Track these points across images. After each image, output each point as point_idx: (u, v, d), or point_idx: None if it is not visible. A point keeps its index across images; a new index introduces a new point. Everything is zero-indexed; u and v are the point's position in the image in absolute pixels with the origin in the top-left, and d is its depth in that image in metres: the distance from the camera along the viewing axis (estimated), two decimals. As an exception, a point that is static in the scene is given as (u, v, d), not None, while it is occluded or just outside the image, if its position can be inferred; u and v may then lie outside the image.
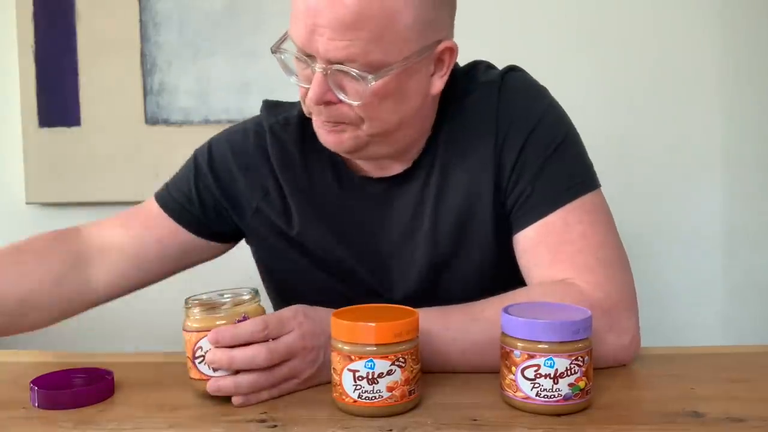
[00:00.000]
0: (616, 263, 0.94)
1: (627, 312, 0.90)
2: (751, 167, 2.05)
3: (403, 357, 0.75)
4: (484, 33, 2.03)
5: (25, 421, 0.79)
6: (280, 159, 1.05)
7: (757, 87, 2.03)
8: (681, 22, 2.02)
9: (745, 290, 2.07)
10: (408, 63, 0.89)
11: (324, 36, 0.86)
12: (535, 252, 0.95)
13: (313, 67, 0.89)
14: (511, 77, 1.02)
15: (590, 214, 0.94)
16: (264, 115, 1.10)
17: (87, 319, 2.18)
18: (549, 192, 0.95)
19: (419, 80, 0.93)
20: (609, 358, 0.88)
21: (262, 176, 1.07)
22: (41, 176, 2.15)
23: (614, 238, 0.96)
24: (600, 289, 0.89)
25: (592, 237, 0.93)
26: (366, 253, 1.03)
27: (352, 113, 0.92)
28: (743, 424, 0.72)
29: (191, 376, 0.82)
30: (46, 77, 2.13)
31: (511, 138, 0.97)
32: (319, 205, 1.04)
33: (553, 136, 0.97)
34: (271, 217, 1.07)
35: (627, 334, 0.89)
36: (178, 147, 2.11)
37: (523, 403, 0.75)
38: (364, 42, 0.85)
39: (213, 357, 0.79)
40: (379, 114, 0.92)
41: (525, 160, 0.96)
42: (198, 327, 0.80)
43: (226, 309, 0.81)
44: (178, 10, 2.09)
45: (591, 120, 2.04)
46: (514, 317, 0.76)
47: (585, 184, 0.96)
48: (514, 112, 0.98)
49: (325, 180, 1.05)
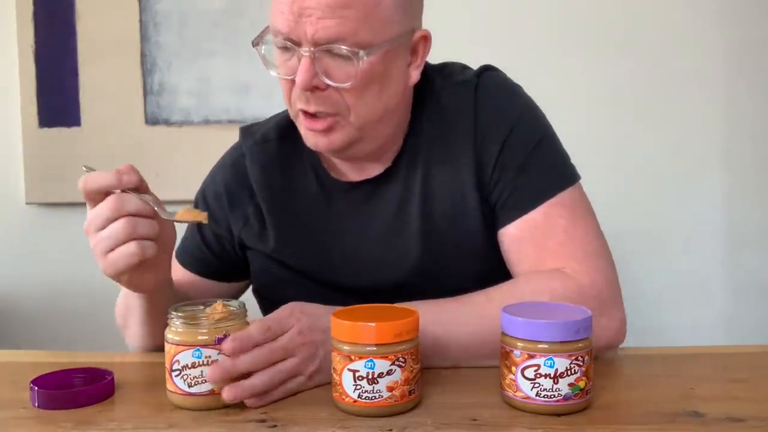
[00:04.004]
0: (601, 255, 0.97)
1: (615, 298, 0.94)
2: (751, 167, 2.05)
3: (403, 357, 0.75)
4: (483, 33, 2.04)
5: (25, 421, 0.78)
6: (261, 179, 1.07)
7: (757, 87, 2.03)
8: (681, 22, 2.02)
9: (746, 290, 2.07)
10: (392, 44, 0.92)
11: (312, 17, 0.87)
12: (519, 247, 0.98)
13: (300, 51, 0.89)
14: (486, 77, 1.04)
15: (571, 209, 0.97)
16: (242, 139, 1.11)
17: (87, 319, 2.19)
18: (530, 189, 0.97)
19: (399, 67, 0.96)
20: (601, 343, 0.90)
21: (243, 206, 1.09)
22: (41, 176, 2.15)
23: (596, 230, 0.99)
24: (587, 276, 0.93)
25: (575, 231, 0.96)
26: (350, 257, 1.04)
27: (341, 100, 0.92)
28: (743, 424, 0.72)
29: (167, 386, 0.81)
30: (46, 77, 2.13)
31: (491, 137, 0.99)
32: (300, 216, 1.05)
33: (531, 135, 1.00)
34: (250, 241, 1.08)
35: (617, 319, 0.93)
36: (178, 147, 2.12)
37: (523, 403, 0.75)
38: (353, 20, 0.88)
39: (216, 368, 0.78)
40: (366, 100, 0.93)
41: (505, 159, 0.98)
42: (178, 340, 0.79)
43: (207, 324, 0.79)
44: (178, 10, 2.09)
45: (591, 120, 2.05)
46: (514, 317, 0.76)
47: (564, 178, 0.99)
48: (492, 112, 1.00)
49: (307, 188, 1.06)
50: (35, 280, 2.22)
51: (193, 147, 2.07)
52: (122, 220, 0.82)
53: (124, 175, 0.83)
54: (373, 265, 1.02)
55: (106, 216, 0.82)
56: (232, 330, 0.79)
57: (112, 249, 0.83)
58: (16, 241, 2.21)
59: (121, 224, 0.82)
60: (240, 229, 1.09)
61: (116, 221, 0.82)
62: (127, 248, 0.82)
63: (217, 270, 1.13)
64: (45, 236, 2.20)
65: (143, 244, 0.83)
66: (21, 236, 2.22)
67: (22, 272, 2.22)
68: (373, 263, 1.02)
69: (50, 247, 2.20)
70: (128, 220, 0.82)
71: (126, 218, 0.82)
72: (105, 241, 0.83)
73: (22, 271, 2.22)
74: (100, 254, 0.84)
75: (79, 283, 2.15)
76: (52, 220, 2.19)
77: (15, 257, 2.22)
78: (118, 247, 0.82)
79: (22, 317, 2.22)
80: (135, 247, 0.82)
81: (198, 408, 0.79)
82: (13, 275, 2.22)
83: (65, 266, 2.16)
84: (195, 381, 0.78)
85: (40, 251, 2.21)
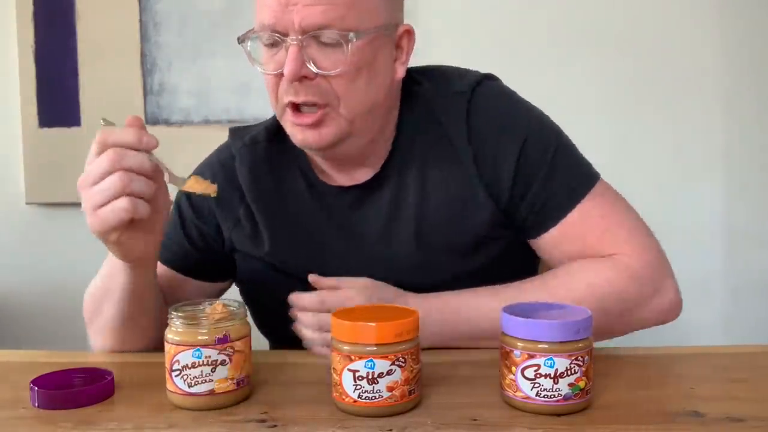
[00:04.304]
0: (644, 231, 1.01)
1: (668, 276, 0.99)
2: (752, 167, 2.05)
3: (403, 357, 0.75)
4: (483, 34, 2.04)
5: (25, 421, 0.79)
6: (250, 181, 1.06)
7: (757, 87, 2.03)
8: (681, 22, 2.02)
9: (746, 290, 2.07)
10: (378, 32, 0.93)
11: (299, 4, 0.88)
12: (563, 248, 1.00)
13: (287, 41, 0.90)
14: (483, 86, 1.03)
15: (602, 199, 1.00)
16: (231, 140, 1.10)
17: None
18: (560, 196, 0.99)
19: (385, 59, 0.96)
20: (654, 319, 0.97)
21: (233, 207, 1.07)
22: (41, 176, 2.15)
23: (629, 209, 1.02)
24: (640, 259, 0.97)
25: (612, 216, 0.99)
26: (344, 259, 1.03)
27: (330, 90, 0.92)
28: (743, 424, 0.72)
29: (167, 386, 0.81)
30: (46, 77, 2.13)
31: (503, 150, 0.99)
32: (291, 219, 1.05)
33: (546, 144, 1.00)
34: (242, 244, 1.07)
35: (669, 295, 0.98)
36: (178, 147, 2.11)
37: (523, 403, 0.75)
38: (340, 6, 0.89)
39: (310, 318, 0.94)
40: (355, 89, 0.93)
41: (527, 172, 0.98)
42: (178, 340, 0.79)
43: (207, 324, 0.79)
44: (178, 10, 2.09)
45: (591, 120, 2.05)
46: (514, 317, 0.76)
47: (590, 177, 1.01)
48: (495, 122, 1.00)
49: (297, 191, 1.05)
50: (35, 280, 2.22)
51: (193, 147, 2.05)
52: (117, 174, 0.80)
53: (144, 137, 0.82)
54: (367, 266, 1.01)
55: (104, 169, 0.80)
56: (232, 330, 0.79)
57: (104, 204, 0.81)
58: (16, 241, 2.21)
59: (116, 177, 0.80)
60: (231, 230, 1.08)
61: (111, 175, 0.80)
62: (120, 203, 0.80)
63: (198, 267, 1.10)
64: (45, 236, 2.20)
65: (135, 202, 0.81)
66: (21, 236, 2.22)
67: (22, 272, 2.22)
68: (366, 264, 1.01)
69: (50, 247, 2.20)
70: (124, 174, 0.80)
71: (121, 172, 0.80)
72: (97, 195, 0.81)
73: (22, 270, 2.22)
74: (90, 209, 0.82)
75: (80, 283, 2.13)
76: (52, 220, 2.19)
77: (15, 257, 2.22)
78: (110, 202, 0.81)
79: (22, 317, 2.22)
80: (126, 203, 0.80)
81: (198, 408, 0.79)
82: (13, 275, 2.22)
83: (65, 266, 2.16)
84: (195, 381, 0.78)
85: (40, 251, 2.21)
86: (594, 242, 0.98)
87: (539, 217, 0.99)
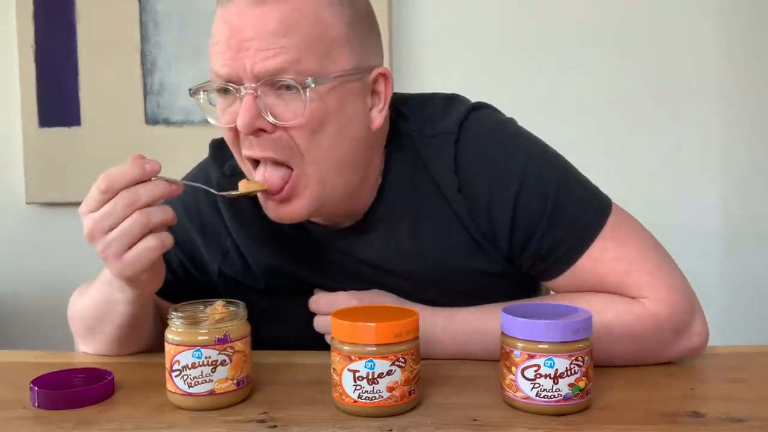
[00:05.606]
0: (667, 267, 0.91)
1: (696, 312, 0.90)
2: (750, 168, 2.05)
3: (403, 357, 0.75)
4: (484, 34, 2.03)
5: (25, 421, 0.79)
6: (232, 217, 0.98)
7: (757, 87, 2.03)
8: (681, 22, 2.02)
9: (745, 290, 2.07)
10: (344, 79, 0.83)
11: (251, 49, 0.80)
12: (579, 288, 0.92)
13: (241, 90, 0.82)
14: (471, 121, 0.93)
15: (617, 239, 0.90)
16: (210, 164, 1.02)
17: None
18: (567, 243, 0.90)
19: (357, 107, 0.86)
20: (678, 358, 0.91)
21: (220, 237, 1.00)
22: (41, 176, 2.15)
23: (650, 241, 0.92)
24: (666, 304, 0.88)
25: (630, 257, 0.90)
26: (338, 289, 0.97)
27: (291, 145, 0.83)
28: (743, 424, 0.72)
29: (167, 387, 0.80)
30: (46, 77, 2.13)
31: (496, 203, 0.90)
32: (281, 255, 0.98)
33: (546, 184, 0.91)
34: (234, 277, 1.01)
35: (696, 333, 0.90)
36: (178, 147, 2.12)
37: (523, 403, 0.75)
38: (295, 49, 0.80)
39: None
40: (319, 144, 0.84)
41: (525, 222, 0.90)
42: (178, 340, 0.79)
43: (207, 324, 0.79)
44: (178, 10, 2.09)
45: (591, 121, 2.05)
46: (514, 317, 0.76)
47: (598, 213, 0.91)
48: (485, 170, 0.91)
49: (282, 229, 0.95)
50: (35, 280, 2.22)
51: (193, 147, 2.05)
52: (135, 215, 0.76)
53: (147, 165, 0.78)
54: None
55: (119, 214, 0.76)
56: (233, 330, 0.79)
57: (128, 248, 0.77)
58: (16, 241, 2.21)
59: (134, 219, 0.76)
60: (220, 262, 1.00)
61: (128, 218, 0.76)
62: (147, 243, 0.77)
63: (177, 294, 0.98)
64: (45, 236, 2.20)
65: (161, 236, 0.78)
66: (21, 236, 2.21)
67: (22, 272, 2.22)
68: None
69: (50, 247, 2.20)
70: (141, 213, 0.76)
71: (138, 212, 0.76)
72: (118, 241, 0.77)
73: (22, 271, 2.22)
74: (112, 257, 0.78)
75: (79, 283, 2.14)
76: (52, 220, 2.19)
77: (15, 257, 2.21)
78: (134, 244, 0.77)
79: (22, 317, 2.22)
80: (154, 241, 0.77)
81: (198, 408, 0.79)
82: (13, 275, 2.22)
83: (65, 266, 2.16)
84: (195, 381, 0.78)
85: (40, 251, 2.21)
86: (613, 287, 0.90)
87: (545, 264, 0.92)
